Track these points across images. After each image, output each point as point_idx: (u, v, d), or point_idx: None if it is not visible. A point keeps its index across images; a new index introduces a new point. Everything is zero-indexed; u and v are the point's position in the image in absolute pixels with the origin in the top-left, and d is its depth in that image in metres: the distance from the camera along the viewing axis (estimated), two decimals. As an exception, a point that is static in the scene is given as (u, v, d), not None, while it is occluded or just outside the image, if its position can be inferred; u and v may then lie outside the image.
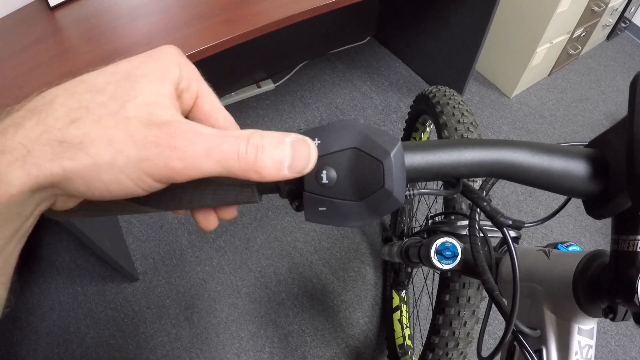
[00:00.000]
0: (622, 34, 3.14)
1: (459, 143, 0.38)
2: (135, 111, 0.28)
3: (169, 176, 0.28)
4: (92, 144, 0.27)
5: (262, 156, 0.29)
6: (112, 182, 0.27)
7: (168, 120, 0.28)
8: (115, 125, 0.27)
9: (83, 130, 0.27)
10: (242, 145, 0.29)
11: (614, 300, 0.42)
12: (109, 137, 0.27)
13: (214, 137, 0.28)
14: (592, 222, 2.11)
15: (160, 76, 0.30)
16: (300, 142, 0.31)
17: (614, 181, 0.37)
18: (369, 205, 0.33)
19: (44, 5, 1.30)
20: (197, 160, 0.28)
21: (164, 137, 0.27)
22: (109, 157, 0.27)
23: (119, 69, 0.30)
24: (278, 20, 1.26)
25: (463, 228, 0.85)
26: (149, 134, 0.27)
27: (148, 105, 0.29)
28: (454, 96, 1.16)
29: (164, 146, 0.27)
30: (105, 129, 0.27)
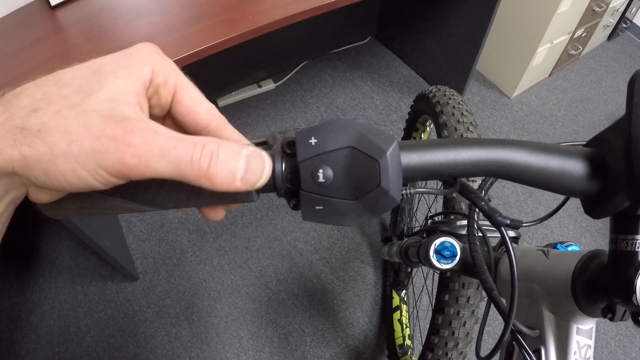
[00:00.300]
0: (623, 35, 3.14)
1: (456, 142, 0.38)
2: (96, 105, 0.28)
3: (122, 172, 0.28)
4: (49, 133, 0.27)
5: (216, 165, 0.29)
6: (68, 172, 0.28)
7: (127, 117, 0.28)
8: (74, 116, 0.27)
9: (42, 119, 0.27)
10: (197, 151, 0.29)
11: (613, 300, 0.42)
12: (66, 127, 0.27)
13: (171, 140, 0.29)
14: (592, 223, 2.11)
15: (129, 73, 0.31)
16: (255, 155, 0.31)
17: (612, 181, 0.37)
18: (366, 204, 0.33)
19: (45, 4, 1.30)
20: (151, 160, 0.28)
21: (120, 133, 0.27)
22: (64, 146, 0.27)
23: (91, 64, 0.30)
24: (279, 20, 1.26)
25: (462, 228, 0.85)
26: (106, 127, 0.27)
27: (110, 100, 0.29)
28: (453, 96, 1.16)
29: (119, 141, 0.27)
30: (63, 119, 0.27)
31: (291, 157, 0.34)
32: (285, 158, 0.34)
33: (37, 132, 0.27)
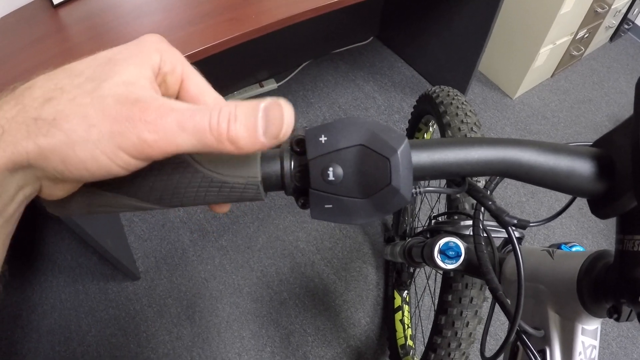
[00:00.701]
0: (625, 36, 3.14)
1: (465, 141, 0.38)
2: (111, 90, 0.28)
3: (143, 150, 0.28)
4: (65, 120, 0.27)
5: (235, 125, 0.28)
6: (87, 158, 0.27)
7: (142, 98, 0.28)
8: (90, 102, 0.27)
9: (57, 108, 0.27)
10: (214, 116, 0.28)
11: (619, 300, 0.42)
12: (83, 113, 0.27)
13: (187, 111, 0.28)
14: (595, 224, 2.11)
15: (140, 61, 0.31)
16: (273, 105, 0.30)
17: (619, 180, 0.37)
18: (376, 203, 0.33)
19: (47, 3, 1.30)
20: (170, 134, 0.28)
21: (137, 112, 0.27)
22: (82, 132, 0.27)
23: (100, 55, 0.31)
24: (282, 20, 1.26)
25: (466, 228, 0.85)
26: (122, 109, 0.27)
27: (125, 84, 0.29)
28: (457, 96, 1.16)
29: (136, 120, 0.27)
30: (79, 106, 0.27)
31: (300, 155, 0.34)
32: (294, 156, 0.34)
33: (52, 121, 0.27)
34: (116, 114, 0.27)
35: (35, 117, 0.27)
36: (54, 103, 0.27)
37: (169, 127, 0.28)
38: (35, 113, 0.27)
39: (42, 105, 0.27)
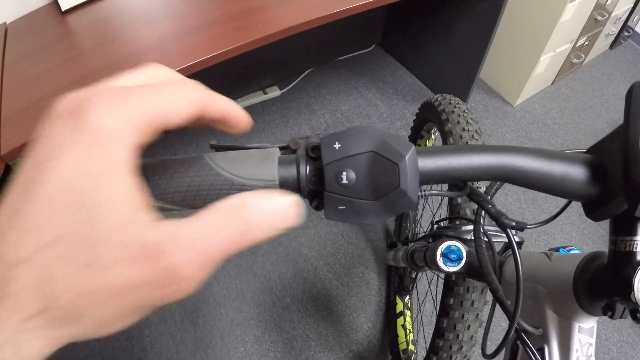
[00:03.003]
0: (625, 43, 3.16)
1: (466, 149, 0.40)
2: (110, 254, 0.23)
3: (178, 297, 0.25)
4: (84, 314, 0.24)
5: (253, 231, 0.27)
6: (117, 327, 0.25)
7: (154, 244, 0.24)
8: (98, 283, 0.23)
9: (67, 308, 0.23)
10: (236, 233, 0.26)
11: (613, 298, 0.44)
12: (100, 301, 0.24)
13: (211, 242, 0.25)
14: (594, 230, 2.12)
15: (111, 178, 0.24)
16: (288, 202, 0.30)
17: (611, 185, 0.40)
18: (385, 204, 0.35)
19: (55, 9, 1.32)
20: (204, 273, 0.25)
21: (166, 275, 0.24)
22: (109, 317, 0.24)
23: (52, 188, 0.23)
24: (288, 28, 1.28)
25: (467, 233, 0.87)
26: (145, 273, 0.24)
27: (120, 234, 0.24)
28: (459, 104, 1.18)
29: (170, 284, 0.24)
30: (89, 295, 0.23)
31: (315, 160, 0.36)
32: (310, 161, 0.36)
33: (70, 320, 0.24)
34: (141, 286, 0.24)
35: (49, 322, 0.23)
36: (60, 303, 0.23)
37: (203, 268, 0.25)
38: (44, 319, 0.23)
39: (46, 311, 0.23)
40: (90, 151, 0.24)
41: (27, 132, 1.01)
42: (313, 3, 1.37)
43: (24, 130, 1.02)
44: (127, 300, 0.24)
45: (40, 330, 0.23)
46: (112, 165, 0.24)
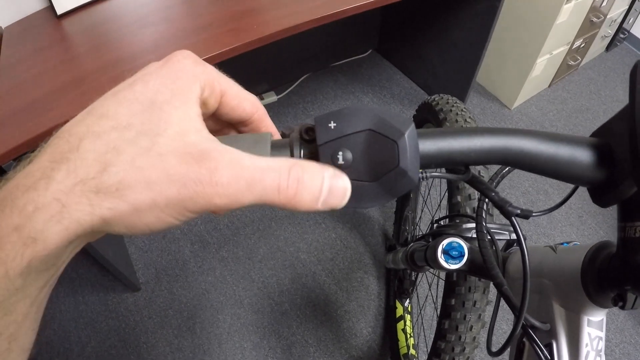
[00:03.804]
0: (621, 45, 3.17)
1: (469, 130, 0.39)
2: (168, 146, 0.27)
3: (208, 210, 0.28)
4: (129, 190, 0.26)
5: (302, 191, 0.29)
6: (152, 222, 0.27)
7: (205, 151, 0.27)
8: (151, 165, 0.26)
9: (118, 177, 0.26)
10: (284, 180, 0.29)
11: (623, 288, 0.42)
12: (146, 179, 0.26)
13: (256, 171, 0.28)
14: (595, 231, 2.11)
15: (184, 99, 0.29)
16: (337, 178, 0.31)
17: (618, 168, 0.38)
18: (384, 185, 0.33)
19: (51, 13, 1.32)
20: (239, 195, 0.27)
21: (205, 174, 0.27)
22: (148, 201, 0.26)
23: (138, 95, 0.28)
24: (283, 30, 1.27)
25: (468, 230, 0.86)
26: (189, 171, 0.26)
27: (180, 135, 0.27)
28: (456, 103, 1.17)
29: (206, 184, 0.27)
30: (140, 170, 0.26)
31: (309, 143, 0.35)
32: (304, 144, 0.35)
33: (115, 192, 0.26)
34: (182, 177, 0.26)
35: (96, 189, 0.25)
36: (113, 170, 0.26)
37: (239, 189, 0.27)
38: (95, 185, 0.25)
39: (101, 174, 0.25)
40: (171, 79, 0.29)
41: (21, 134, 1.00)
42: (309, 5, 1.36)
43: (18, 133, 1.01)
44: (166, 189, 0.26)
45: (88, 194, 0.25)
46: (184, 92, 0.29)
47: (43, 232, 0.24)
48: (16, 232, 0.24)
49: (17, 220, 0.24)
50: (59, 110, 1.06)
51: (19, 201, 0.25)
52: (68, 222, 0.25)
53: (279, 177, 0.28)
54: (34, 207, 0.24)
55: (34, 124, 1.02)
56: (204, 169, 0.27)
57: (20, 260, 0.24)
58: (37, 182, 0.25)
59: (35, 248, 0.24)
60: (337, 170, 0.31)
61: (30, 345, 0.29)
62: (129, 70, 1.15)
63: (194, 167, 0.26)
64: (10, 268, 0.24)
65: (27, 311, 0.27)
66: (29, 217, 0.24)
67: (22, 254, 0.24)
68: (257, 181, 0.28)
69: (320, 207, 0.30)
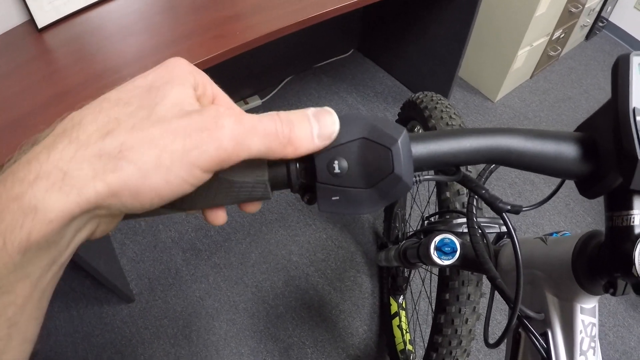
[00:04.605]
0: (600, 34, 3.21)
1: (458, 132, 0.40)
2: (167, 111, 0.27)
3: (221, 159, 0.28)
4: (132, 150, 0.26)
5: (295, 129, 0.31)
6: (161, 184, 0.27)
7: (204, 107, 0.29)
8: (151, 125, 0.26)
9: (120, 140, 0.26)
10: (278, 123, 0.30)
11: (613, 275, 0.43)
12: (149, 137, 0.26)
13: (254, 119, 0.29)
14: (582, 218, 2.14)
15: (180, 82, 0.30)
16: (321, 111, 0.33)
17: (604, 160, 0.39)
18: (380, 191, 0.34)
19: (32, 27, 1.30)
20: (246, 138, 0.28)
21: (209, 120, 0.27)
22: (153, 158, 0.26)
23: (138, 83, 0.29)
24: (266, 34, 1.27)
25: (459, 226, 0.87)
26: (191, 121, 0.27)
27: (177, 104, 0.28)
28: (440, 100, 1.18)
29: (212, 128, 0.27)
30: (142, 131, 0.26)
31: None
32: None
33: (118, 154, 0.25)
34: (185, 129, 0.27)
35: (98, 153, 0.25)
36: (115, 134, 0.26)
37: (245, 131, 0.28)
38: (97, 148, 0.25)
39: (103, 139, 0.25)
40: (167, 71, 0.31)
41: (7, 150, 1.00)
42: (289, 9, 1.37)
43: (5, 149, 1.00)
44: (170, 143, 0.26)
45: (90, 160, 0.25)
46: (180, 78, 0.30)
47: (44, 200, 0.24)
48: (16, 202, 0.24)
49: (17, 190, 0.24)
50: (44, 126, 1.05)
51: (20, 173, 0.24)
52: (69, 189, 0.24)
53: (274, 122, 0.30)
54: (35, 176, 0.24)
55: (14, 145, 1.01)
56: (207, 116, 0.28)
57: (19, 232, 0.24)
58: (38, 154, 0.25)
59: (35, 217, 0.24)
60: (316, 107, 0.33)
61: (33, 337, 0.29)
62: (115, 82, 1.14)
63: (196, 117, 0.27)
64: (8, 240, 0.24)
65: (29, 294, 0.26)
66: (30, 185, 0.24)
67: (21, 224, 0.24)
68: (257, 124, 0.29)
69: (317, 141, 0.32)
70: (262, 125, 0.29)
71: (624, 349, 1.78)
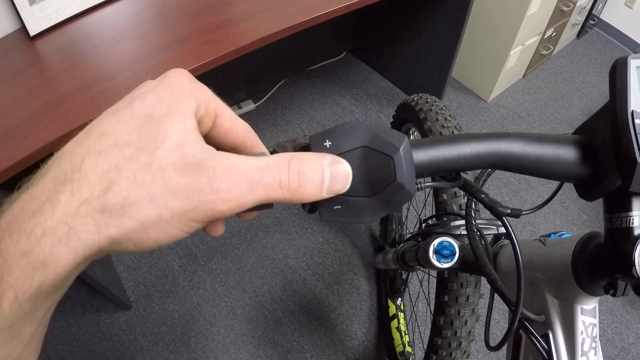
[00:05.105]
0: (591, 31, 3.23)
1: (458, 138, 0.40)
2: (167, 159, 0.27)
3: (214, 217, 0.28)
4: (134, 207, 0.26)
5: (304, 182, 0.30)
6: (160, 236, 0.28)
7: (203, 161, 0.28)
8: (152, 180, 0.27)
9: (122, 195, 0.26)
10: (284, 175, 0.29)
11: (613, 276, 0.44)
12: (150, 195, 0.27)
13: (255, 172, 0.29)
14: (578, 216, 2.14)
15: (181, 112, 0.29)
16: (337, 164, 0.32)
17: (603, 163, 0.40)
18: (382, 200, 0.34)
19: (24, 35, 1.30)
20: (242, 199, 0.28)
21: (206, 183, 0.27)
22: (154, 215, 0.27)
23: (136, 111, 0.29)
24: (259, 39, 1.27)
25: (457, 228, 0.87)
26: (190, 181, 0.27)
27: (178, 147, 0.28)
28: (435, 102, 1.19)
29: (207, 191, 0.27)
30: (143, 186, 0.26)
31: None
32: None
33: (120, 210, 0.26)
34: (184, 188, 0.27)
35: (101, 208, 0.26)
36: (116, 188, 0.26)
37: (241, 193, 0.28)
38: (99, 204, 0.26)
39: (105, 194, 0.26)
40: (167, 93, 0.30)
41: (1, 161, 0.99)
42: (281, 13, 1.37)
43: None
44: (170, 202, 0.27)
45: (93, 214, 0.26)
46: (181, 105, 0.29)
47: (52, 255, 0.25)
48: (25, 257, 0.25)
49: (25, 245, 0.25)
50: (38, 134, 1.04)
51: (26, 226, 0.25)
52: (76, 244, 0.25)
53: (278, 174, 0.29)
54: (42, 231, 0.25)
55: (9, 152, 1.01)
56: (203, 177, 0.27)
57: (29, 285, 0.25)
58: (42, 206, 0.25)
59: (45, 272, 0.25)
60: (334, 156, 0.32)
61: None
62: (108, 89, 1.15)
63: (194, 177, 0.27)
64: (20, 292, 0.25)
65: (34, 332, 0.28)
66: (37, 241, 0.25)
67: (31, 278, 0.25)
68: (257, 181, 0.28)
69: (326, 195, 0.32)
70: (263, 184, 0.29)
71: (623, 346, 1.78)
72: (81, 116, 1.08)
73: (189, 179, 0.27)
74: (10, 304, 0.25)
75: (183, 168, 0.27)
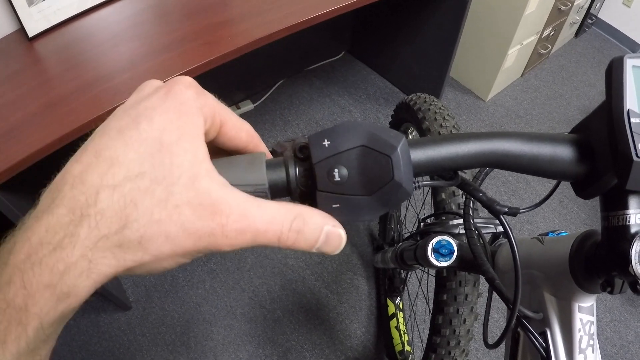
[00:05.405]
0: (589, 30, 3.23)
1: (455, 137, 0.40)
2: (182, 195, 0.28)
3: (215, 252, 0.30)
4: (150, 243, 0.28)
5: (300, 240, 0.32)
6: (170, 264, 0.30)
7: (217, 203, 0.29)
8: (168, 218, 0.28)
9: (139, 232, 0.27)
10: (285, 231, 0.31)
11: (610, 274, 0.44)
12: (166, 233, 0.28)
13: (262, 224, 0.30)
14: (576, 214, 2.15)
15: (191, 138, 0.30)
16: (334, 234, 0.33)
17: (599, 162, 0.40)
18: (380, 198, 0.34)
19: (22, 36, 1.30)
20: (243, 244, 0.30)
21: (218, 229, 0.29)
22: (168, 251, 0.28)
23: (145, 135, 0.28)
24: (257, 40, 1.28)
25: (455, 227, 0.87)
26: (204, 225, 0.29)
27: (192, 181, 0.29)
28: (434, 102, 1.19)
29: (218, 236, 0.29)
30: (159, 224, 0.28)
31: (303, 161, 0.36)
32: (298, 162, 0.36)
33: (137, 245, 0.27)
34: (198, 231, 0.28)
35: (119, 243, 0.27)
36: (134, 226, 0.27)
37: (245, 240, 0.30)
38: (117, 240, 0.27)
39: (122, 230, 0.27)
40: (175, 114, 0.30)
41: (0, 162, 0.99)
42: (279, 14, 1.37)
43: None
44: (184, 242, 0.28)
45: (112, 249, 0.27)
46: (190, 130, 0.30)
47: (74, 287, 0.27)
48: (49, 290, 0.26)
49: (48, 278, 0.26)
50: (36, 135, 1.05)
51: (48, 260, 0.26)
52: (96, 276, 0.27)
53: (280, 229, 0.31)
54: (64, 266, 0.26)
55: (9, 153, 1.01)
56: (216, 223, 0.29)
57: (53, 314, 0.27)
58: (62, 241, 0.26)
59: (68, 301, 0.27)
60: (336, 222, 0.34)
61: None
62: (107, 90, 1.15)
63: (208, 222, 0.29)
64: (45, 321, 0.27)
65: (50, 349, 0.30)
66: (61, 275, 0.26)
67: (55, 307, 0.26)
68: (262, 233, 0.30)
69: (314, 252, 0.33)
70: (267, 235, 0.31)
71: (621, 344, 1.79)
72: (81, 117, 1.08)
73: (204, 222, 0.28)
74: (35, 331, 0.26)
75: (199, 209, 0.28)
